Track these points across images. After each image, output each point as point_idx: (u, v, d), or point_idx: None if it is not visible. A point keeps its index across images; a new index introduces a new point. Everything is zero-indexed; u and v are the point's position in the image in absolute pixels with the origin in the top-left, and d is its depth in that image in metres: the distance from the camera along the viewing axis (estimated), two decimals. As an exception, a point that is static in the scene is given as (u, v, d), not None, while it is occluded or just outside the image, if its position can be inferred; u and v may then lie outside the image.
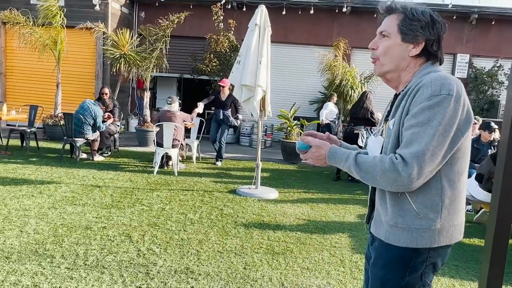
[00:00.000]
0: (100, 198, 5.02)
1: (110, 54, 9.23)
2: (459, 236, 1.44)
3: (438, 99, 1.27)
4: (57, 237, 3.71)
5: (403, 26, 1.41)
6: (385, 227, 1.44)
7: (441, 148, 1.28)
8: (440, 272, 3.55)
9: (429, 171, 1.29)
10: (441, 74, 1.34)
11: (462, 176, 1.40)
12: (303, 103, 11.19)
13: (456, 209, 1.40)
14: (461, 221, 1.45)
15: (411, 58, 1.43)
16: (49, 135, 9.22)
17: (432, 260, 1.40)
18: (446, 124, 1.27)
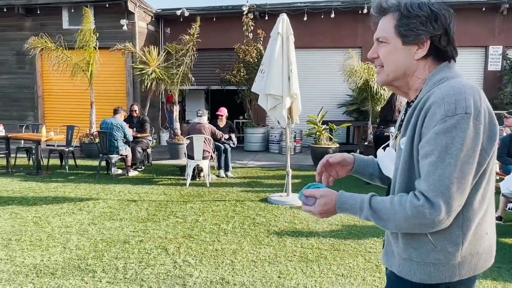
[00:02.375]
0: (136, 212, 5.18)
1: (139, 71, 9.53)
2: (486, 264, 1.25)
3: (454, 120, 1.08)
4: (98, 252, 3.86)
5: (400, 27, 1.22)
6: (398, 259, 1.28)
7: (467, 177, 1.10)
8: (482, 274, 3.43)
9: (458, 205, 1.12)
10: (454, 85, 1.15)
11: (486, 198, 1.21)
12: (331, 107, 11.12)
13: (480, 236, 1.22)
14: (488, 246, 1.25)
15: (419, 61, 1.24)
16: (85, 153, 9.60)
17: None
18: (469, 149, 1.09)
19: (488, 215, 1.24)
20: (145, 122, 8.40)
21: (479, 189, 1.18)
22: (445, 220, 1.12)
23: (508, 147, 5.43)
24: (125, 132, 7.34)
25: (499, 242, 4.24)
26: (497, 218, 4.93)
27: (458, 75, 1.23)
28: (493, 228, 1.29)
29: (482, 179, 1.18)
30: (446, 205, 1.10)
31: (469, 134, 1.09)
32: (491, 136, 1.14)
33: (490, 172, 1.20)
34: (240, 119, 12.63)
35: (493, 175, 1.23)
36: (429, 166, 1.12)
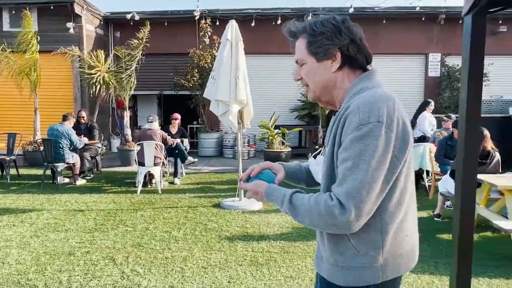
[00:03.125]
0: (83, 223, 5.01)
1: (86, 76, 9.22)
2: (409, 265, 1.32)
3: (368, 128, 1.14)
4: (40, 265, 3.69)
5: (310, 46, 1.30)
6: (326, 265, 1.34)
7: (378, 183, 1.15)
8: (420, 269, 3.65)
9: (368, 210, 1.17)
10: (370, 95, 1.22)
11: (403, 202, 1.26)
12: (284, 111, 11.32)
13: (401, 238, 1.28)
14: (409, 247, 1.32)
15: (336, 73, 1.31)
16: (29, 161, 9.13)
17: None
18: (380, 155, 1.14)
19: (409, 218, 1.30)
20: (94, 129, 8.13)
21: (395, 194, 1.22)
22: (355, 223, 1.16)
23: (445, 148, 5.80)
24: (72, 139, 7.07)
25: (437, 237, 4.53)
26: (436, 215, 5.26)
27: (377, 85, 1.30)
28: (415, 230, 1.36)
29: (397, 184, 1.22)
30: (356, 209, 1.14)
31: (381, 142, 1.14)
32: (403, 144, 1.19)
33: (406, 177, 1.25)
34: (194, 124, 12.54)
35: (410, 181, 1.28)
36: (344, 170, 1.18)
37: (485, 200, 4.79)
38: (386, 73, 11.39)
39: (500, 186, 4.17)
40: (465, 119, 2.07)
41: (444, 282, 3.41)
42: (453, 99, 10.79)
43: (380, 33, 11.34)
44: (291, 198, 1.28)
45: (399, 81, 11.49)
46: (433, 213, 5.35)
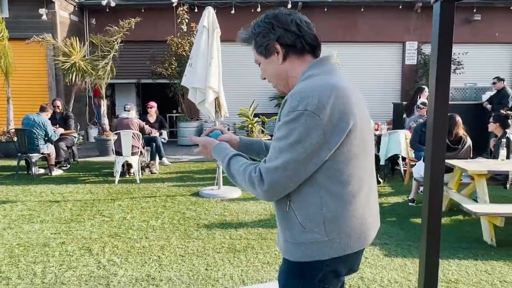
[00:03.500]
0: (59, 213, 4.93)
1: (61, 64, 8.99)
2: (357, 245, 1.37)
3: (294, 115, 1.24)
4: (13, 257, 3.63)
5: (255, 47, 1.44)
6: (281, 242, 1.44)
7: (296, 165, 1.25)
8: (394, 252, 3.75)
9: (282, 187, 1.28)
10: (308, 83, 1.31)
11: (352, 184, 1.32)
12: (263, 100, 11.31)
13: (347, 219, 1.33)
14: (358, 228, 1.36)
15: (284, 64, 1.41)
16: (3, 152, 8.90)
17: (331, 268, 1.37)
18: (302, 140, 1.23)
19: (359, 201, 1.35)
20: (69, 118, 7.96)
21: (338, 175, 1.30)
22: (269, 195, 1.30)
23: (419, 135, 5.92)
24: (47, 131, 6.90)
25: (411, 222, 4.65)
26: (410, 200, 5.38)
27: (325, 72, 1.36)
28: (369, 214, 1.40)
29: (339, 166, 1.29)
30: (270, 184, 1.27)
31: (305, 128, 1.23)
32: (338, 131, 1.25)
33: (348, 162, 1.30)
34: (173, 113, 12.41)
35: (359, 166, 1.34)
36: (272, 149, 1.31)
37: (457, 184, 4.93)
38: (363, 61, 11.51)
39: (470, 171, 4.30)
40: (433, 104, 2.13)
41: (416, 264, 3.51)
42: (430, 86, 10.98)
43: (358, 21, 11.41)
44: (229, 160, 1.42)
45: (377, 69, 11.62)
46: (407, 198, 5.47)
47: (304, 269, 1.37)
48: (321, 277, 1.36)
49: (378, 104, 11.22)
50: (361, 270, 3.39)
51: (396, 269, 3.42)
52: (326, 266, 1.35)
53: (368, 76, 11.44)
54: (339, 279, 1.44)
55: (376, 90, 11.52)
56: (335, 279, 1.41)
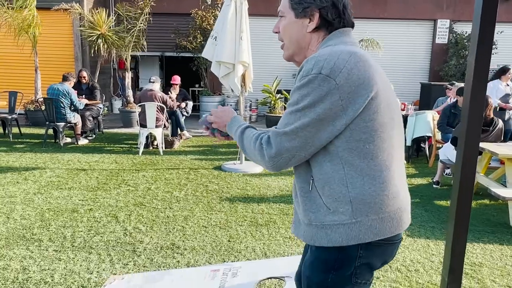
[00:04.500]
0: (86, 181, 5.07)
1: (87, 35, 9.05)
2: (392, 229, 1.23)
3: (307, 79, 1.16)
4: (44, 221, 3.77)
5: (292, 0, 1.31)
6: (303, 226, 1.31)
7: (307, 131, 1.17)
8: (417, 233, 3.72)
9: (291, 155, 1.20)
10: (326, 51, 1.20)
11: (379, 158, 1.20)
12: (287, 76, 11.18)
13: (378, 198, 1.20)
14: (393, 212, 1.23)
15: (311, 34, 1.31)
16: (31, 121, 9.14)
17: (364, 260, 1.23)
18: (315, 105, 1.15)
19: (388, 176, 1.22)
20: (95, 89, 8.07)
21: (362, 146, 1.18)
22: (275, 161, 1.22)
23: (448, 116, 5.77)
24: (72, 99, 7.03)
25: (435, 203, 4.59)
26: (434, 182, 5.30)
27: (343, 42, 1.27)
28: (400, 193, 1.26)
29: (362, 136, 1.18)
30: (277, 149, 1.20)
31: (319, 92, 1.15)
32: (355, 97, 1.15)
33: (374, 132, 1.19)
34: (196, 87, 12.43)
35: (380, 136, 1.20)
36: (283, 115, 1.24)
37: (485, 168, 4.82)
38: (391, 38, 11.17)
39: (501, 154, 4.18)
40: (471, 84, 2.05)
41: (440, 246, 3.48)
42: (459, 67, 10.62)
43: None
44: (245, 129, 1.34)
45: (405, 48, 11.29)
46: (432, 180, 5.39)
47: (334, 261, 1.24)
48: (353, 270, 1.23)
49: (405, 84, 10.97)
50: (383, 249, 3.39)
51: (418, 250, 3.40)
52: (359, 258, 1.22)
53: (395, 55, 11.14)
54: (372, 273, 1.30)
55: (403, 69, 11.24)
56: (369, 273, 1.27)
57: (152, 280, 2.70)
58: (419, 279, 2.93)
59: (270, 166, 1.23)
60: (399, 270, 3.05)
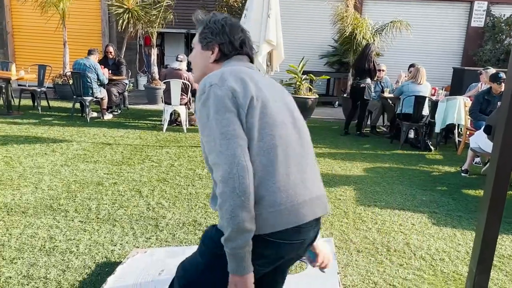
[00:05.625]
0: (111, 155, 5.15)
1: (114, 10, 9.06)
2: (288, 221, 1.27)
3: (205, 94, 1.30)
4: (70, 192, 3.85)
5: (200, 35, 1.52)
6: (214, 206, 1.36)
7: (230, 133, 1.23)
8: (443, 222, 3.63)
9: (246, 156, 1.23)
10: (211, 74, 1.37)
11: (273, 152, 1.28)
12: (313, 57, 10.96)
13: (272, 192, 1.26)
14: (288, 203, 1.28)
15: (213, 65, 1.50)
16: (59, 94, 9.31)
17: (258, 250, 1.25)
18: (221, 112, 1.25)
19: (280, 173, 1.28)
20: (121, 65, 8.12)
21: (252, 145, 1.27)
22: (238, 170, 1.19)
23: (481, 103, 5.54)
24: (98, 74, 7.09)
25: (462, 192, 4.45)
26: (463, 170, 5.13)
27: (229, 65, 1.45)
28: (297, 187, 1.31)
29: (251, 137, 1.27)
30: (229, 158, 1.20)
31: (217, 98, 1.27)
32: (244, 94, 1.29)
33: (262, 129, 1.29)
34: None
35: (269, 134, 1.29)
36: (205, 141, 1.28)
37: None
38: (424, 20, 10.75)
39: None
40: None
41: (466, 236, 3.38)
42: (495, 52, 10.15)
43: (423, -24, 10.55)
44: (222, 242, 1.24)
45: (438, 30, 10.84)
46: (461, 168, 5.22)
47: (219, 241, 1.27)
48: None
49: (436, 68, 10.59)
50: (407, 236, 3.32)
51: (444, 239, 3.32)
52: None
53: (427, 37, 10.75)
54: (268, 261, 1.32)
55: (435, 53, 10.84)
56: (262, 259, 1.29)
57: (174, 254, 2.72)
58: (444, 269, 2.85)
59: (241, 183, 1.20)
60: (424, 258, 2.98)
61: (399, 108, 6.54)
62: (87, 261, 2.69)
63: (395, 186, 4.56)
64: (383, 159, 5.70)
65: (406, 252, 3.07)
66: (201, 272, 1.37)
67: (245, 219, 1.19)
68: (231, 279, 1.24)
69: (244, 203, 1.19)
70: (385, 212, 3.82)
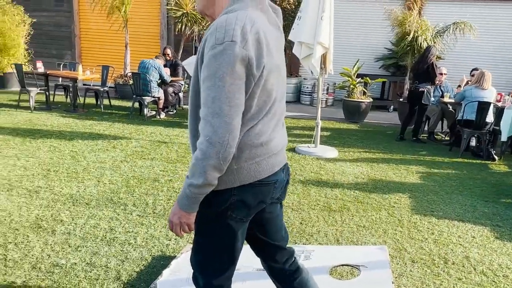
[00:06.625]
0: (167, 153, 5.34)
1: (173, 13, 9.41)
2: (267, 171, 1.40)
3: (222, 47, 1.23)
4: (129, 187, 4.05)
5: None
6: None
7: (236, 96, 1.25)
8: (507, 236, 3.41)
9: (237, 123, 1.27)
10: (228, 17, 1.28)
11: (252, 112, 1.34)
12: (368, 60, 10.70)
13: (253, 146, 1.36)
14: (268, 155, 1.41)
15: None
16: (120, 93, 9.81)
17: (238, 197, 1.38)
18: (234, 71, 1.24)
19: (262, 127, 1.37)
20: (178, 66, 8.41)
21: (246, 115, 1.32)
22: (229, 138, 1.25)
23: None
24: (161, 73, 7.40)
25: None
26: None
27: (243, 8, 1.34)
28: (274, 141, 1.42)
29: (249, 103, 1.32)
30: (225, 124, 1.24)
31: (234, 59, 1.22)
32: (258, 64, 1.28)
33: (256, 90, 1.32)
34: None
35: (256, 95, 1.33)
36: (205, 91, 1.26)
37: None
38: (491, 22, 10.13)
39: None
40: None
41: (534, 253, 3.15)
42: None
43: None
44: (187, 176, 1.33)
45: (505, 33, 10.17)
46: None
47: (212, 198, 1.37)
48: (228, 205, 1.39)
49: (502, 72, 9.95)
50: (467, 249, 3.15)
51: (508, 254, 3.11)
52: (233, 196, 1.38)
53: (492, 40, 10.11)
54: (249, 212, 1.43)
55: (501, 57, 10.18)
56: (244, 210, 1.41)
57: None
58: (508, 286, 2.67)
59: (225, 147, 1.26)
60: (485, 273, 2.81)
61: (461, 114, 6.21)
62: (143, 253, 2.81)
63: (454, 196, 4.34)
64: (441, 167, 5.45)
65: (465, 265, 2.91)
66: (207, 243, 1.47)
67: (216, 177, 1.29)
68: (177, 212, 1.37)
69: (221, 167, 1.28)
70: (442, 222, 3.64)
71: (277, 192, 1.50)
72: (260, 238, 1.63)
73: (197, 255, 1.52)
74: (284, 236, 1.70)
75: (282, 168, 1.50)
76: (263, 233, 1.62)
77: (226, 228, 1.43)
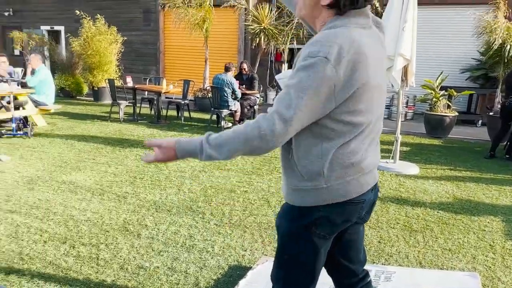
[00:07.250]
0: (242, 165, 5.46)
1: (251, 29, 9.69)
2: (356, 190, 1.39)
3: (313, 60, 1.23)
4: (207, 196, 4.20)
5: None
6: (285, 188, 1.48)
7: (308, 110, 1.25)
8: None
9: (292, 130, 1.27)
10: (329, 33, 1.27)
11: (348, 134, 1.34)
12: (453, 71, 10.05)
13: (345, 166, 1.35)
14: (359, 174, 1.39)
15: (323, 8, 1.36)
16: (198, 106, 10.28)
17: (324, 213, 1.38)
18: (316, 87, 1.23)
19: (356, 146, 1.36)
20: (254, 80, 8.62)
21: (338, 126, 1.31)
22: (276, 145, 1.27)
23: None
24: (234, 88, 7.63)
25: None
26: None
27: (346, 24, 1.31)
28: (366, 161, 1.40)
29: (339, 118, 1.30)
30: (284, 133, 1.25)
31: (321, 75, 1.22)
32: (348, 86, 1.25)
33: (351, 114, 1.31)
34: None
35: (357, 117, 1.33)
36: (286, 94, 1.26)
37: None
38: None
39: None
40: None
41: None
42: None
43: None
44: (208, 140, 1.33)
45: None
46: None
47: (298, 213, 1.41)
48: (313, 221, 1.39)
49: None
50: None
51: None
52: (319, 211, 1.38)
53: None
54: (335, 228, 1.44)
55: None
56: (329, 226, 1.41)
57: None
58: None
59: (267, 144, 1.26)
60: None
61: None
62: (220, 262, 2.88)
63: (557, 222, 3.87)
64: (540, 189, 4.90)
65: None
66: (290, 259, 1.48)
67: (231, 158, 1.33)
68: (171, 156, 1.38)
69: (243, 154, 1.32)
70: (543, 251, 3.26)
71: (363, 211, 1.48)
72: (337, 259, 1.60)
73: (279, 270, 1.52)
74: (362, 260, 1.65)
75: (372, 188, 1.47)
76: (342, 254, 1.59)
77: (310, 244, 1.43)
